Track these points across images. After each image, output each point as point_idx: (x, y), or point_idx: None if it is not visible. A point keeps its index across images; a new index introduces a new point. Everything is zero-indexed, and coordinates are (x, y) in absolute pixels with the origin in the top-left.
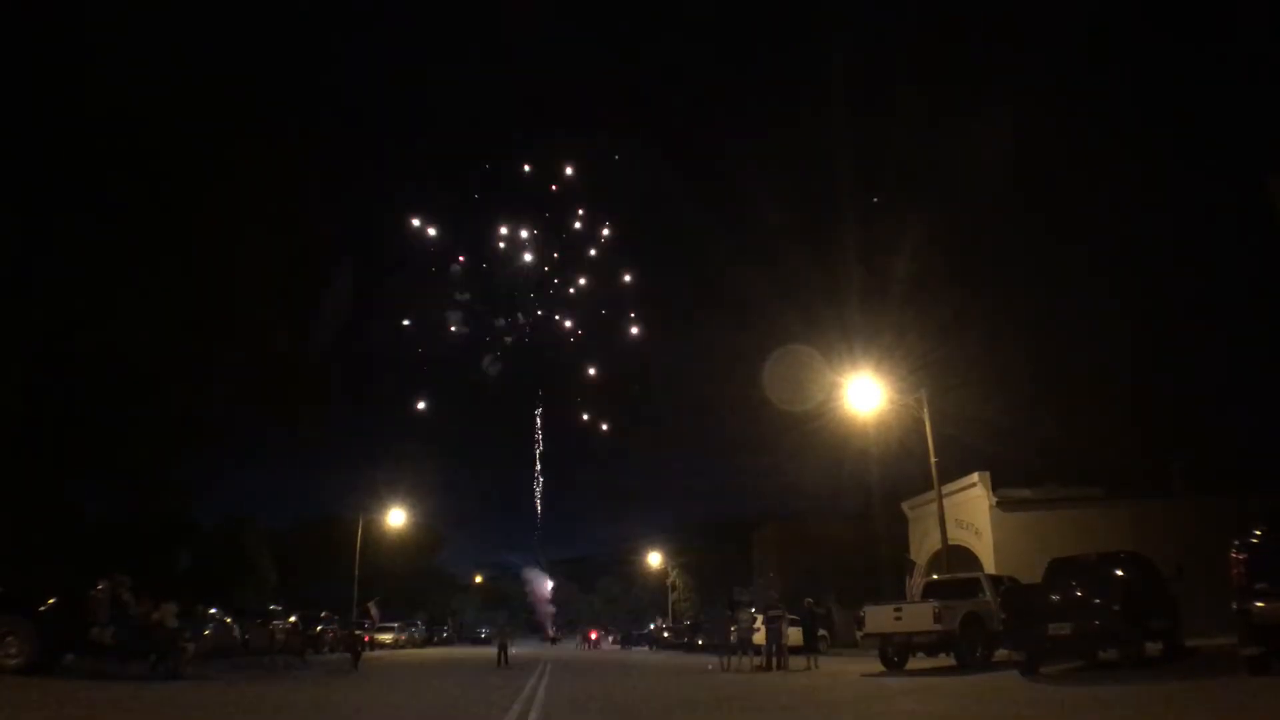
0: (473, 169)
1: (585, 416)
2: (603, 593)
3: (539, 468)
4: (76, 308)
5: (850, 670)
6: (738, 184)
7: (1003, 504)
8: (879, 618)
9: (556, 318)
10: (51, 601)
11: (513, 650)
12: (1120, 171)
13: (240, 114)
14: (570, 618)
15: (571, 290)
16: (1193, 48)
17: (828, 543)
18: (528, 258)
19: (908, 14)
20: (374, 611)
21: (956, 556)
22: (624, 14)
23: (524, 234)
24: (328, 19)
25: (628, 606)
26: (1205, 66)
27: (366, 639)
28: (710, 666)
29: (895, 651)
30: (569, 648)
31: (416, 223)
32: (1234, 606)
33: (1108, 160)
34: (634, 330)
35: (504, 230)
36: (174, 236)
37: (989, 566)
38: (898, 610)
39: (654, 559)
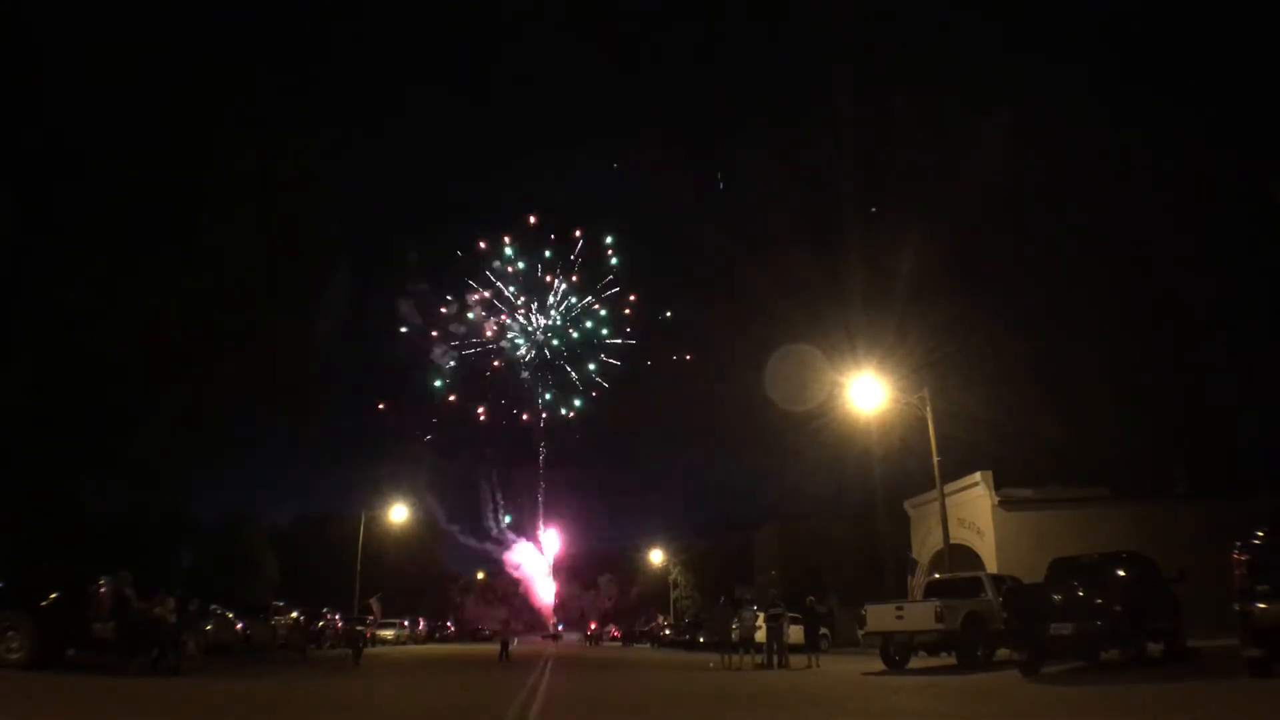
0: (474, 169)
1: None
2: (604, 590)
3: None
4: (79, 305)
5: (851, 669)
6: (741, 185)
7: (1005, 504)
8: (880, 617)
9: (557, 319)
10: (53, 597)
11: (512, 646)
12: (1125, 173)
13: (242, 110)
14: (572, 615)
15: (573, 294)
16: (1200, 51)
17: (830, 541)
18: (527, 259)
19: (912, 17)
20: (376, 608)
21: (958, 556)
22: (626, 18)
23: (524, 240)
24: (328, 17)
25: (629, 604)
26: (1211, 70)
27: (369, 635)
28: (712, 665)
29: (897, 650)
30: (570, 645)
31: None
32: (1236, 608)
33: (1112, 161)
34: (633, 323)
35: (505, 234)
36: (175, 234)
37: (991, 566)
38: (899, 609)
39: (655, 556)
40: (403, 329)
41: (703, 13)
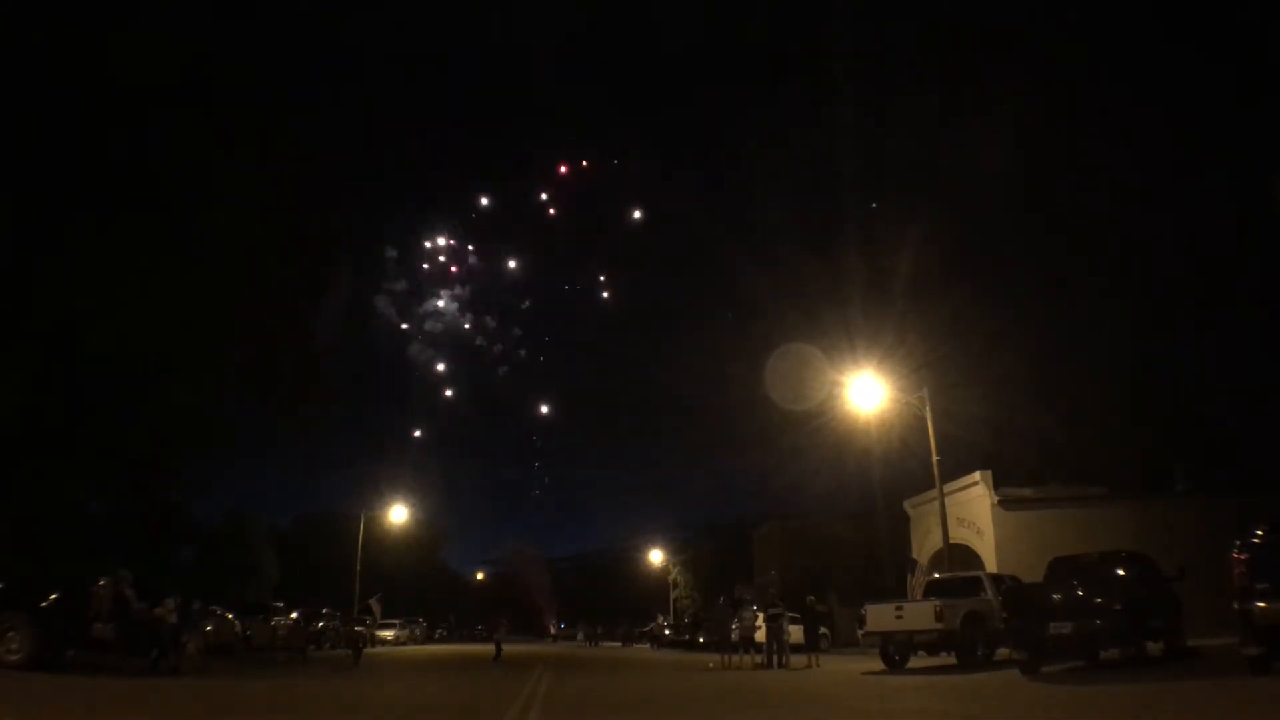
0: (474, 169)
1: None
2: (604, 590)
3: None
4: (78, 304)
5: (851, 668)
6: (741, 183)
7: (1004, 503)
8: (880, 616)
9: (552, 318)
10: (53, 597)
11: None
12: (1124, 173)
13: (240, 109)
14: (572, 615)
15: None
16: (1198, 52)
17: (829, 541)
18: (529, 257)
19: (911, 17)
20: (375, 608)
21: (958, 555)
22: (626, 17)
23: (524, 236)
24: (327, 17)
25: (629, 604)
26: (1210, 68)
27: (368, 635)
28: (711, 665)
29: (896, 650)
30: (569, 645)
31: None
32: (1235, 606)
33: (1111, 161)
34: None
35: (503, 231)
36: (175, 233)
37: (990, 565)
38: (899, 609)
39: (655, 556)
40: (404, 326)
41: (700, 10)
